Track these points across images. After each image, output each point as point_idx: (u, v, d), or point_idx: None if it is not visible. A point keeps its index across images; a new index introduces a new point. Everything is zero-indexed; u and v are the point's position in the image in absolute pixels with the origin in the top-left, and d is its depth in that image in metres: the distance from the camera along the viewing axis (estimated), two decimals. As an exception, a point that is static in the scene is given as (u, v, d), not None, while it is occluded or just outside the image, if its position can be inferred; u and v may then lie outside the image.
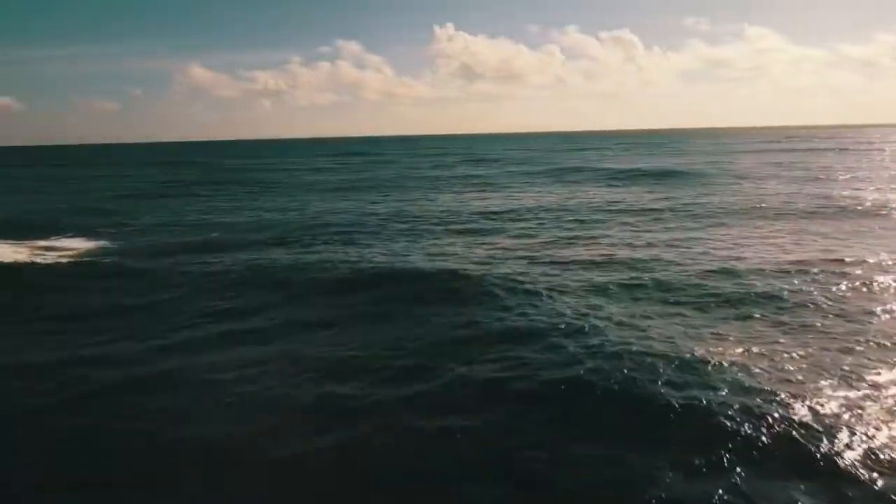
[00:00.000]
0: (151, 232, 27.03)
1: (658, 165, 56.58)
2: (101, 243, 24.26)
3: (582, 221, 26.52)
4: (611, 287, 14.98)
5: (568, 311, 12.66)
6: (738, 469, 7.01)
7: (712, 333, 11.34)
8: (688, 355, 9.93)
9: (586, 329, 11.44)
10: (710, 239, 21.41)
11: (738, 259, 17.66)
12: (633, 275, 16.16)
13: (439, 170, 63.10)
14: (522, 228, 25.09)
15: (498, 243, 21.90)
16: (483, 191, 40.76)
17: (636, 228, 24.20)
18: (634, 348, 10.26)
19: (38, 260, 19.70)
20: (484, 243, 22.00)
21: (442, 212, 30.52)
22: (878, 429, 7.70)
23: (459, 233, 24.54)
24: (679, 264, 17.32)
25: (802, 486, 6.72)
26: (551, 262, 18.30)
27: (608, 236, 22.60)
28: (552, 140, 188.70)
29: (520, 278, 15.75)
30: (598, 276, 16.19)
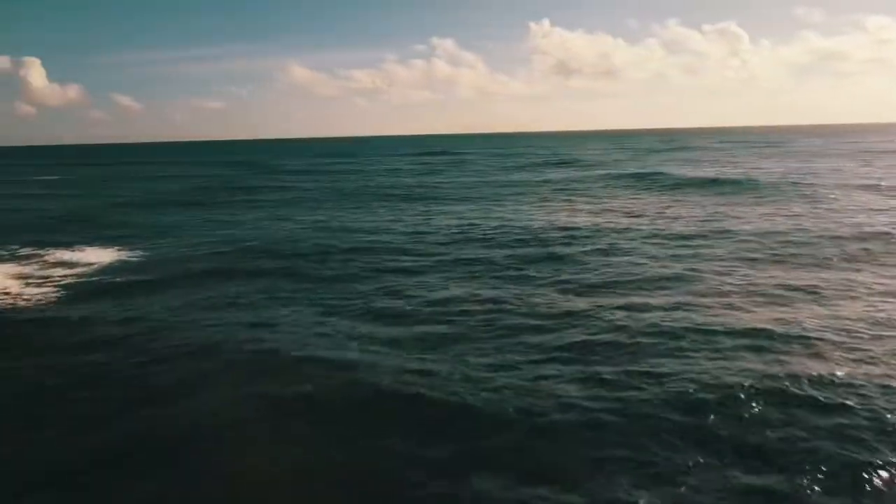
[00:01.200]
0: (171, 244, 24.57)
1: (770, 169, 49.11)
2: (122, 255, 21.86)
3: (694, 253, 19.60)
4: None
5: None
6: None
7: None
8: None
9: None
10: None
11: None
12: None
13: (524, 172, 58.33)
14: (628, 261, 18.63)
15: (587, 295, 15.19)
16: (569, 199, 35.60)
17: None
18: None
19: (26, 291, 17.05)
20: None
21: (504, 227, 25.58)
22: None
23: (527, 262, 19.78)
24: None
25: None
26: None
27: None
28: (650, 139, 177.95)
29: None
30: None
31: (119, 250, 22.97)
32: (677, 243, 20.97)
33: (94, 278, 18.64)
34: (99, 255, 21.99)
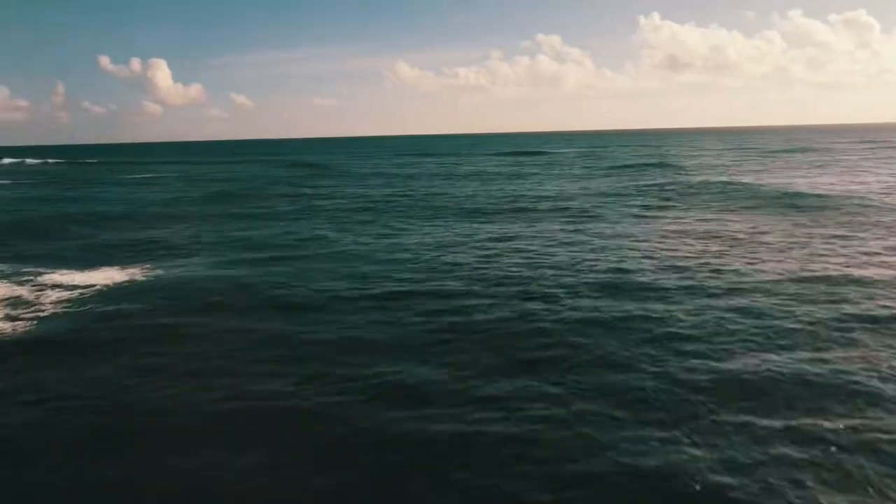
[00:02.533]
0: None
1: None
2: (135, 275, 19.63)
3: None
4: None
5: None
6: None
7: None
8: None
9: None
10: None
11: None
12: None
13: (624, 176, 52.63)
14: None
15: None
16: (678, 221, 28.72)
17: None
18: None
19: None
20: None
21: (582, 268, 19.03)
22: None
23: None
24: None
25: None
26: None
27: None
28: (769, 137, 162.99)
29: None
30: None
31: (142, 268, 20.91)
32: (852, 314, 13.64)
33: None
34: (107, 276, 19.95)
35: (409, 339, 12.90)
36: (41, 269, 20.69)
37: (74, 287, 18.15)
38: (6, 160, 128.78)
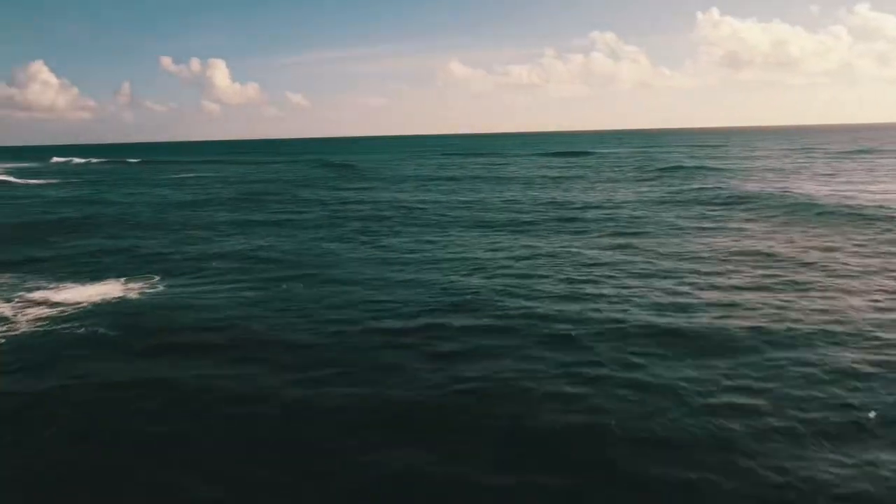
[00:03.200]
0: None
1: None
2: (131, 292, 18.11)
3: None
4: None
5: None
6: None
7: None
8: None
9: None
10: None
11: None
12: None
13: (675, 179, 49.07)
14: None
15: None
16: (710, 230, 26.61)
17: None
18: None
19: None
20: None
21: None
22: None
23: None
24: None
25: None
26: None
27: None
28: (834, 137, 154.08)
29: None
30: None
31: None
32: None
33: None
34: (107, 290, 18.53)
35: (410, 410, 10.23)
36: (38, 282, 19.53)
37: (60, 305, 16.74)
38: (55, 159, 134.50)
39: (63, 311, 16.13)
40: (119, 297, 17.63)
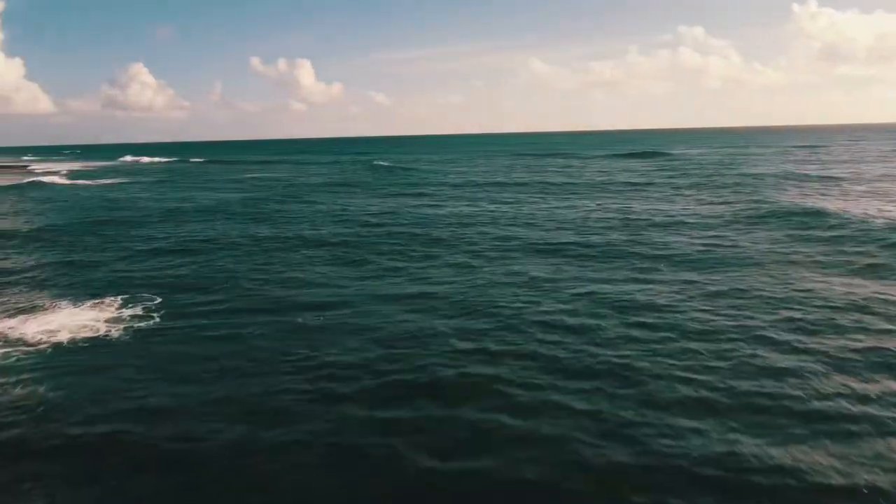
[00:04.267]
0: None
1: None
2: (123, 318, 16.01)
3: None
4: None
5: None
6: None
7: None
8: None
9: None
10: None
11: None
12: None
13: (751, 194, 43.49)
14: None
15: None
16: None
17: None
18: None
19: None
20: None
21: None
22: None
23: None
24: None
25: None
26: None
27: None
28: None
29: None
30: None
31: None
32: None
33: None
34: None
35: None
36: (29, 301, 17.96)
37: (18, 344, 14.75)
38: (127, 158, 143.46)
39: (12, 355, 14.06)
40: (95, 336, 15.08)
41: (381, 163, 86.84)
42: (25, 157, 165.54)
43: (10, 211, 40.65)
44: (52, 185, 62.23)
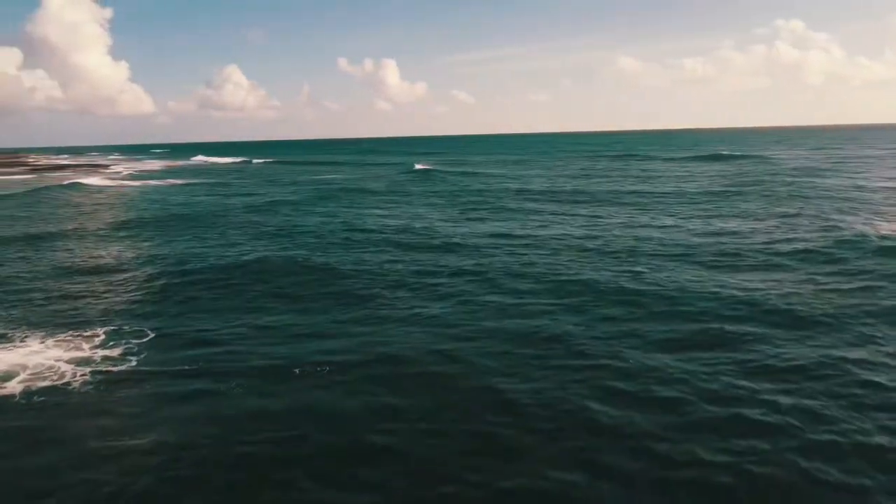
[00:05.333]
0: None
1: None
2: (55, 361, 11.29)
3: None
4: None
5: None
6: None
7: None
8: None
9: None
10: None
11: None
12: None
13: (852, 213, 34.34)
14: None
15: None
16: None
17: None
18: None
19: None
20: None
21: None
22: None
23: None
24: None
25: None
26: None
27: None
28: None
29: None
30: None
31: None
32: None
33: None
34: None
35: None
36: None
37: None
38: (199, 158, 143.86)
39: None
40: (49, 386, 11.64)
41: (434, 167, 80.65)
42: (111, 157, 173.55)
43: (14, 216, 38.23)
44: (88, 186, 60.94)
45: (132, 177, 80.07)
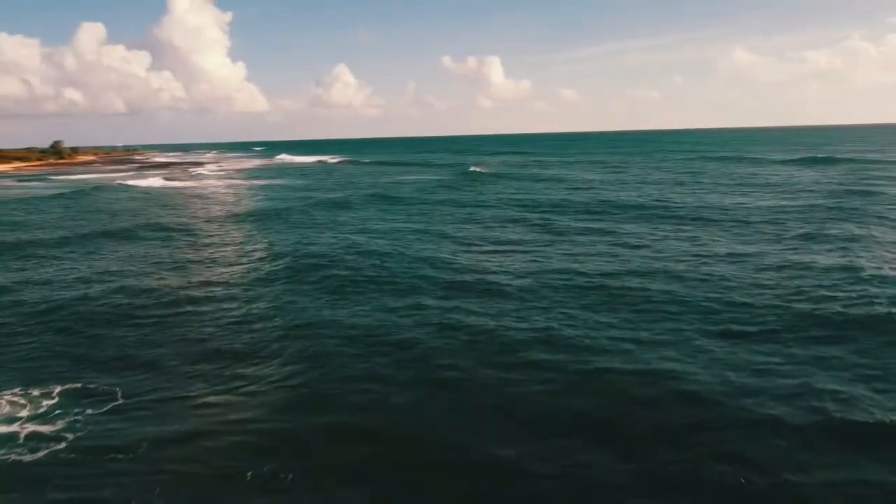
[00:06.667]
0: None
1: None
2: None
3: None
4: None
5: None
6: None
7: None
8: None
9: None
10: None
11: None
12: None
13: None
14: None
15: None
16: None
17: None
18: None
19: None
20: None
21: None
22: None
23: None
24: None
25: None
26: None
27: None
28: None
29: None
30: None
31: None
32: None
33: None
34: None
35: None
36: None
37: None
38: (282, 157, 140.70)
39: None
40: None
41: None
42: (208, 154, 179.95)
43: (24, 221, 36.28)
44: (134, 187, 59.79)
45: (190, 176, 79.54)
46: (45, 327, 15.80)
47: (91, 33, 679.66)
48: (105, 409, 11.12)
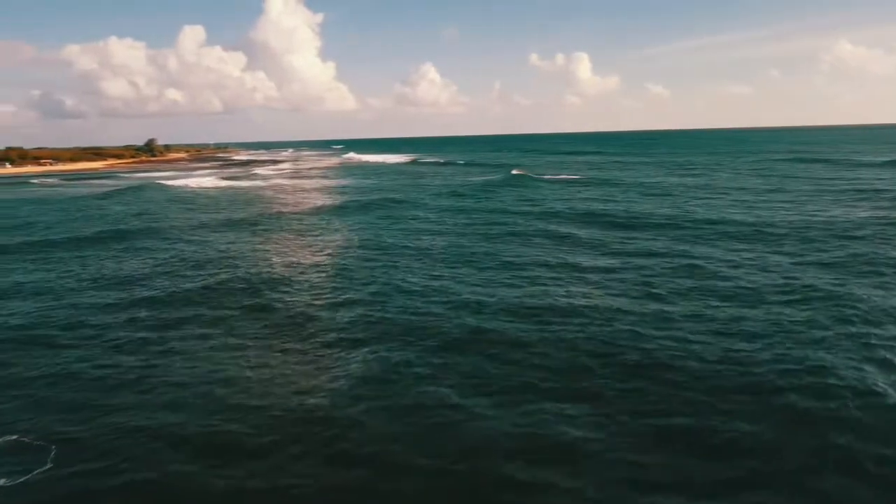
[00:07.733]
0: None
1: None
2: None
3: None
4: None
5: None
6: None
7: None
8: None
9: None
10: None
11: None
12: None
13: None
14: None
15: None
16: None
17: None
18: None
19: None
20: None
21: None
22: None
23: None
24: None
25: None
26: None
27: None
28: None
29: None
30: None
31: None
32: None
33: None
34: None
35: None
36: None
37: None
38: (352, 154, 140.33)
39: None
40: None
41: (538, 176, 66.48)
42: (284, 153, 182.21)
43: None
44: (182, 188, 58.67)
45: (237, 177, 78.09)
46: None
47: (192, 36, 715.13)
48: None
